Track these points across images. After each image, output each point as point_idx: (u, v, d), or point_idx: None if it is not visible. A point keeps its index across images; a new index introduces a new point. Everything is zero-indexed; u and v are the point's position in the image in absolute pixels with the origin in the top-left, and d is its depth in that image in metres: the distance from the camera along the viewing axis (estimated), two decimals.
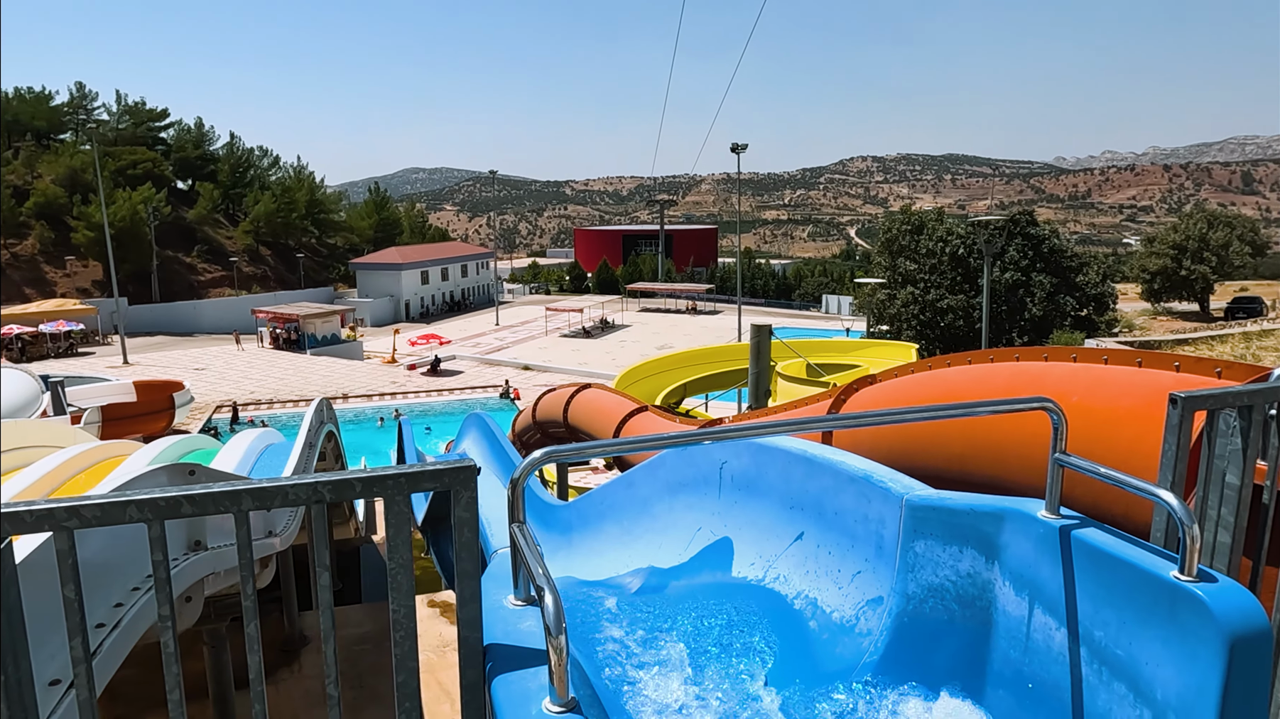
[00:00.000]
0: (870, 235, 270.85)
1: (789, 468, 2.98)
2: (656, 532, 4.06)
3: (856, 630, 2.40)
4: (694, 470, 3.76)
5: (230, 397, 43.57)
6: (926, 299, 34.64)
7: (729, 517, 3.30)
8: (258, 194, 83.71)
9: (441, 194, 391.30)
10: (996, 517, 2.08)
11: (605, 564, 4.84)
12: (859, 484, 2.56)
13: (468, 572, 1.55)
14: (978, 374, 3.91)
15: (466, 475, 1.53)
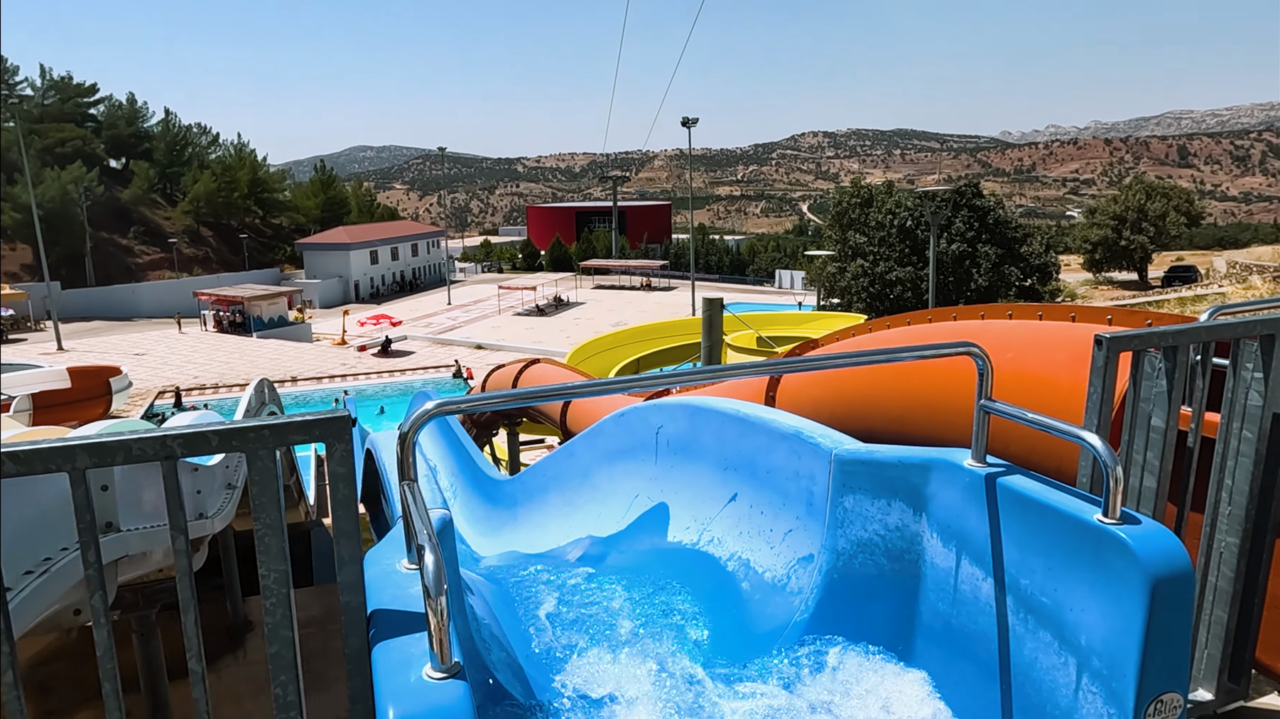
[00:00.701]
0: (822, 210, 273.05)
1: (723, 428, 2.91)
2: (597, 501, 3.98)
3: (788, 589, 2.35)
4: (631, 437, 3.68)
5: (173, 382, 42.32)
6: (876, 271, 35.02)
7: (665, 481, 3.23)
8: (197, 173, 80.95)
9: (390, 172, 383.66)
10: (923, 467, 2.03)
11: (548, 536, 4.75)
12: (790, 441, 2.49)
13: (345, 530, 1.43)
14: (915, 334, 3.88)
15: (339, 427, 1.41)
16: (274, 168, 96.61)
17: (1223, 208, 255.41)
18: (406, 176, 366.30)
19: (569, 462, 4.57)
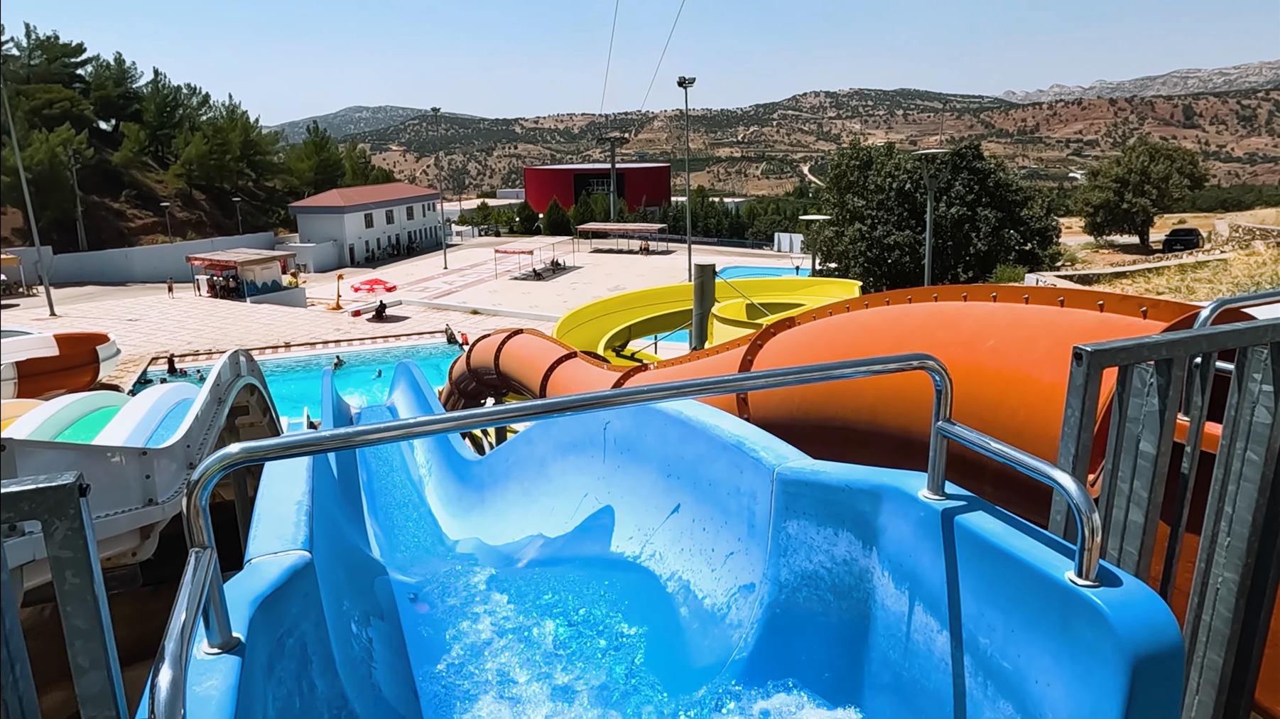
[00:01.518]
0: (823, 172, 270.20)
1: (665, 430, 2.65)
2: (550, 494, 3.73)
3: (728, 621, 2.09)
4: (581, 430, 3.41)
5: (166, 348, 42.04)
6: (873, 235, 34.45)
7: (613, 482, 2.97)
8: (188, 135, 79.68)
9: (387, 134, 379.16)
10: (873, 494, 1.76)
11: (507, 527, 4.51)
12: (731, 453, 2.22)
13: (82, 630, 1.12)
14: (893, 317, 3.59)
15: (59, 500, 1.10)
16: (267, 129, 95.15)
17: (1227, 169, 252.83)
18: (403, 138, 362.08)
19: (527, 449, 4.31)
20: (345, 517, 6.09)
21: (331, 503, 2.76)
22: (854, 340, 3.75)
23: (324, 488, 2.70)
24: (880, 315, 3.73)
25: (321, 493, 2.46)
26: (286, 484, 2.30)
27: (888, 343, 3.49)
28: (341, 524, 3.02)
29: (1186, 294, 16.89)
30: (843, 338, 3.83)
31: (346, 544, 2.60)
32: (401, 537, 6.83)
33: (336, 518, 2.79)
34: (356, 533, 6.33)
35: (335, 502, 3.07)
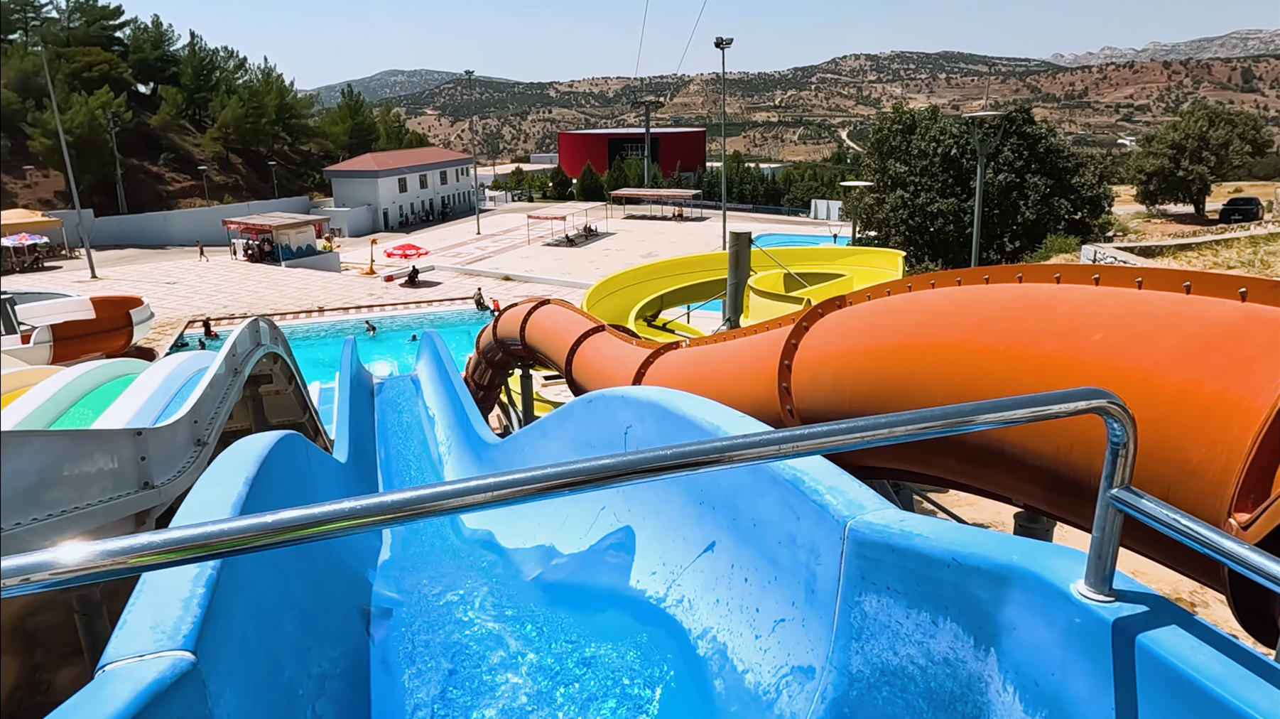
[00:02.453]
0: (862, 137, 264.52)
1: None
2: (565, 501, 3.28)
3: (777, 710, 1.61)
4: (599, 430, 2.94)
5: (203, 311, 42.40)
6: (916, 203, 33.24)
7: (633, 499, 2.50)
8: (224, 98, 79.85)
9: (422, 97, 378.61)
10: (997, 578, 1.25)
11: (519, 527, 4.07)
12: (783, 490, 1.73)
13: None
14: (966, 301, 3.03)
15: None
16: (302, 93, 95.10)
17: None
18: (438, 102, 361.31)
19: (543, 442, 3.86)
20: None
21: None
22: (919, 326, 3.21)
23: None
24: (950, 298, 3.18)
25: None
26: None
27: (961, 331, 2.96)
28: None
29: (1262, 269, 15.85)
30: (905, 322, 3.29)
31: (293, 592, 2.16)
32: (416, 525, 6.46)
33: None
34: None
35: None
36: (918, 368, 3.07)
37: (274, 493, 2.49)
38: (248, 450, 2.29)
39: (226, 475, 2.05)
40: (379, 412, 9.88)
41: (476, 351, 15.99)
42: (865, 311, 3.69)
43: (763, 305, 12.78)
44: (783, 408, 4.18)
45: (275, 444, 2.46)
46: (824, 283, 15.88)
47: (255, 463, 2.20)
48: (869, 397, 3.43)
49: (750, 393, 4.61)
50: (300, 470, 2.81)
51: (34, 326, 22.73)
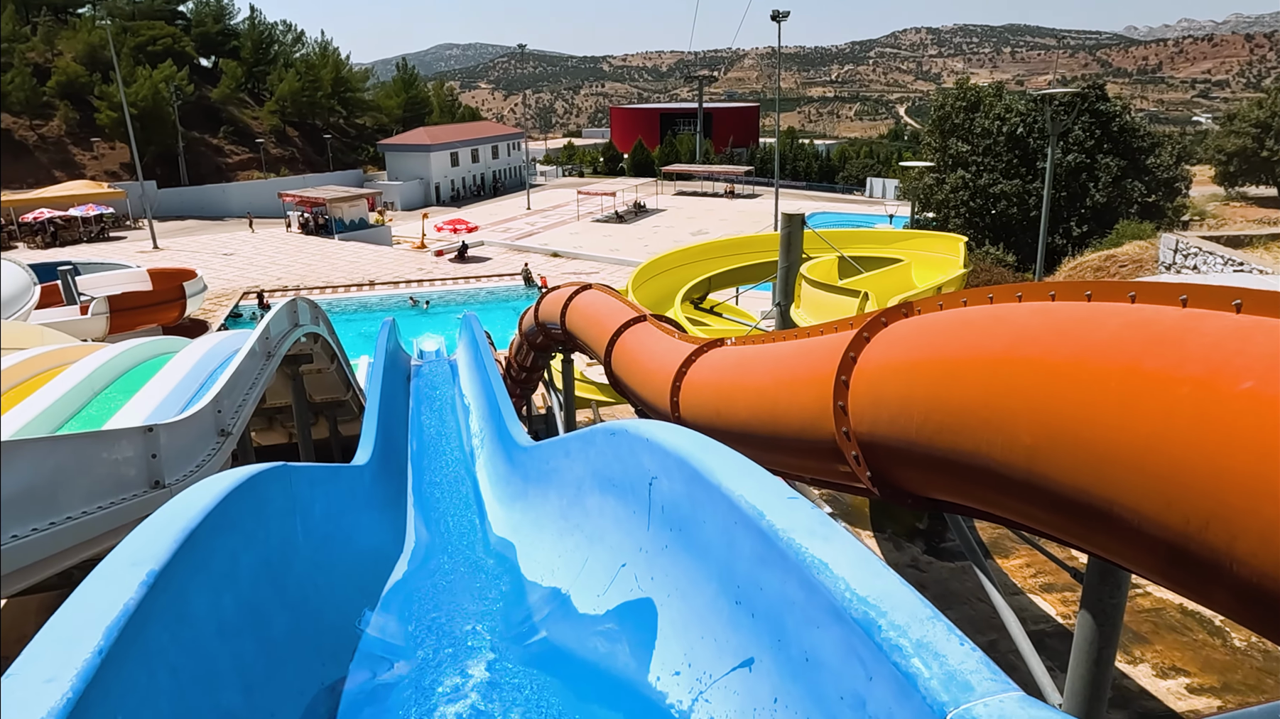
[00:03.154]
0: (921, 114, 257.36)
1: (734, 532, 1.74)
2: (587, 537, 2.91)
3: None
4: (621, 468, 2.55)
5: (257, 283, 43.13)
6: (977, 184, 31.86)
7: (657, 566, 2.10)
8: (282, 72, 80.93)
9: (476, 71, 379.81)
10: None
11: (540, 554, 3.71)
12: (849, 629, 1.29)
13: None
14: (1064, 322, 2.52)
15: None
16: (359, 67, 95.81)
17: None
18: (492, 75, 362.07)
19: (565, 462, 3.48)
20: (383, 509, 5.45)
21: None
22: (1007, 350, 2.72)
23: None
24: (1043, 316, 2.69)
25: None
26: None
27: (1059, 361, 2.48)
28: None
29: None
30: (988, 344, 2.80)
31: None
32: (446, 516, 6.18)
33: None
34: (393, 522, 5.68)
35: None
36: (1005, 400, 2.59)
37: (217, 557, 2.13)
38: (171, 519, 1.93)
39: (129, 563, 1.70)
40: (414, 398, 9.65)
41: (519, 333, 15.73)
42: (937, 324, 3.20)
43: (816, 297, 12.13)
44: (837, 428, 3.72)
45: (255, 474, 2.14)
46: (880, 268, 15.18)
47: (170, 545, 1.84)
48: (942, 427, 2.96)
49: (800, 406, 4.16)
50: (266, 516, 2.48)
51: (92, 298, 23.24)
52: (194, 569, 1.73)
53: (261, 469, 2.42)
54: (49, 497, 3.76)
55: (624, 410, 18.18)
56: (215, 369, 8.95)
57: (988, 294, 3.22)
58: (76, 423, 6.81)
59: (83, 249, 50.77)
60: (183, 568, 1.64)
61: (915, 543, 10.97)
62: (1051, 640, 8.20)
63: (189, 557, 1.69)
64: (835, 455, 3.94)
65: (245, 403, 7.36)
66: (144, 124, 63.64)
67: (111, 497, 4.48)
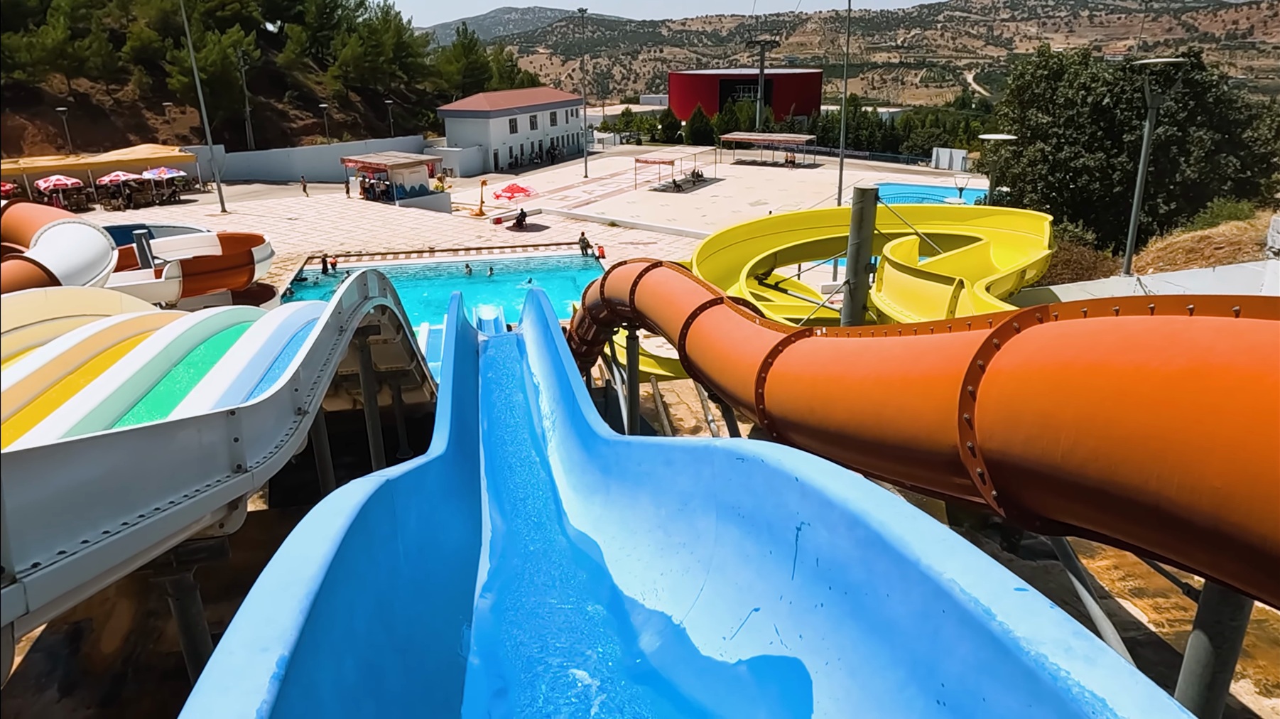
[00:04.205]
0: (990, 80, 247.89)
1: (940, 622, 1.48)
2: (699, 564, 2.67)
3: None
4: (753, 501, 2.29)
5: (320, 248, 43.81)
6: (1057, 157, 30.40)
7: (807, 624, 1.86)
8: (345, 36, 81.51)
9: (534, 36, 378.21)
10: None
11: (634, 565, 3.50)
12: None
13: None
14: (1254, 342, 2.18)
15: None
16: (419, 31, 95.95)
17: None
18: (550, 40, 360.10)
19: (667, 471, 3.24)
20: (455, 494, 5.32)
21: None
22: (1187, 374, 2.39)
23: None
24: (1232, 337, 2.34)
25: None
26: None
27: (1255, 395, 2.14)
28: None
29: None
30: (1159, 364, 2.46)
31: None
32: (521, 503, 6.04)
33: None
34: (470, 510, 5.56)
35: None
36: (1189, 433, 2.27)
37: (357, 561, 2.00)
38: (331, 517, 1.80)
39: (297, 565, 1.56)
40: (483, 375, 9.56)
41: (582, 306, 15.57)
42: (1090, 335, 2.86)
43: (900, 281, 11.60)
44: (961, 443, 3.41)
45: (362, 505, 1.98)
46: (960, 247, 14.53)
47: (335, 538, 1.71)
48: (1096, 453, 2.64)
49: (913, 414, 3.85)
50: (374, 549, 2.32)
51: (165, 262, 23.77)
52: (318, 640, 1.55)
53: (368, 495, 2.24)
54: (138, 488, 3.67)
55: (685, 386, 17.94)
56: (288, 344, 8.96)
57: (1147, 303, 2.87)
58: (153, 398, 6.85)
59: (155, 212, 52.20)
60: (308, 644, 1.46)
61: (992, 537, 10.55)
62: (1144, 650, 7.79)
63: (313, 628, 1.51)
64: (953, 469, 3.64)
65: (320, 380, 7.32)
66: (213, 88, 64.84)
67: (197, 483, 4.41)
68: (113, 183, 54.78)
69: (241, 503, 5.00)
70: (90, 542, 3.03)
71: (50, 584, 2.58)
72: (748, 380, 5.91)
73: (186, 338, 8.73)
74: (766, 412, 5.72)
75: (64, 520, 2.94)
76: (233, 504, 4.89)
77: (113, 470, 3.33)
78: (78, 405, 6.35)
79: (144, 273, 23.72)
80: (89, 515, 3.11)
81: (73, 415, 6.17)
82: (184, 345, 8.52)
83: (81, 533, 3.02)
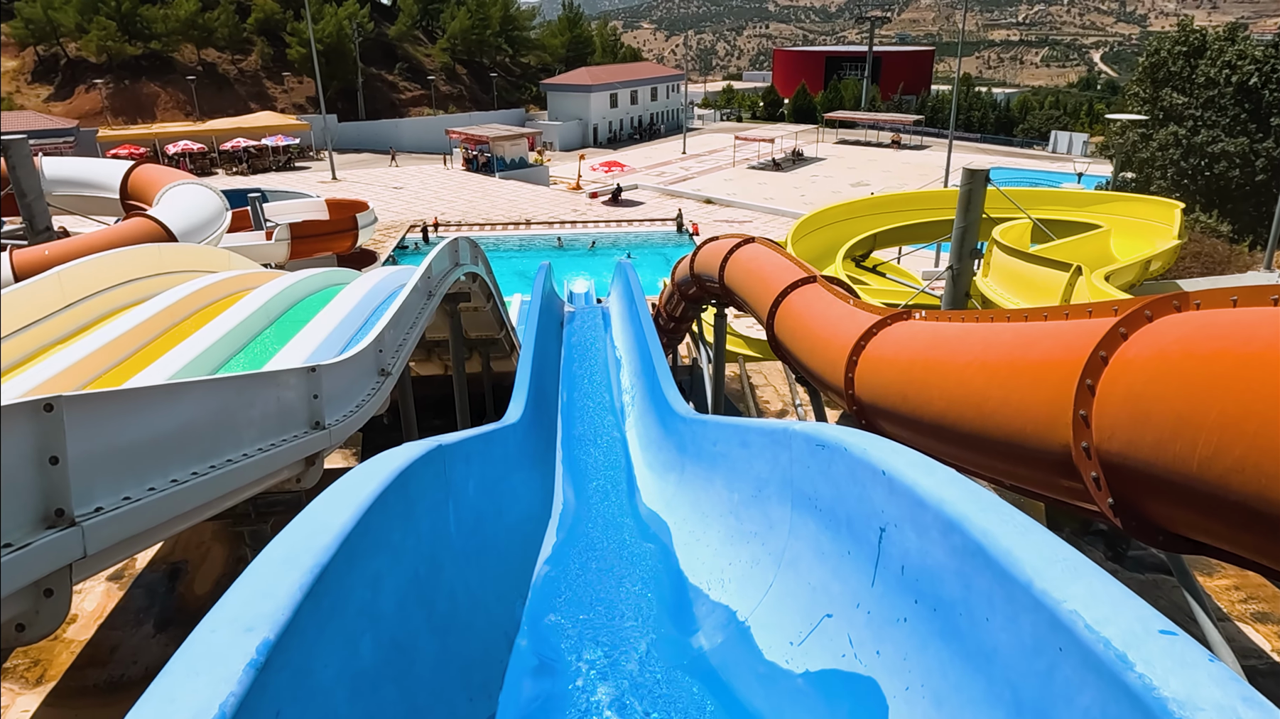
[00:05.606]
0: (1120, 60, 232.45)
1: (1057, 660, 1.21)
2: (770, 557, 2.45)
3: None
4: (832, 492, 2.06)
5: (423, 216, 44.97)
6: (1193, 141, 28.09)
7: (886, 638, 1.62)
8: (454, 9, 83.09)
9: (639, 10, 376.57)
10: None
11: (702, 550, 3.30)
12: None
13: None
14: None
15: None
16: (526, 6, 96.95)
17: None
18: (655, 15, 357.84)
19: (743, 453, 3.02)
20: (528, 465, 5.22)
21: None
22: None
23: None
24: None
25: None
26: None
27: None
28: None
29: None
30: None
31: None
32: (594, 477, 5.92)
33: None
34: (543, 481, 5.47)
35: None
36: None
37: (396, 521, 1.89)
38: (364, 482, 1.68)
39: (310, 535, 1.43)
40: (566, 345, 9.49)
41: (671, 282, 15.37)
42: (1244, 329, 2.47)
43: (1010, 265, 10.88)
44: (1075, 442, 3.05)
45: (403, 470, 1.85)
46: (1078, 234, 13.55)
47: (362, 504, 1.59)
48: (1245, 464, 2.27)
49: (1019, 407, 3.50)
50: (416, 518, 2.18)
51: (276, 224, 24.78)
52: (324, 620, 1.43)
53: (412, 459, 2.12)
54: (211, 439, 3.68)
55: (773, 368, 17.54)
56: (379, 305, 9.08)
57: None
58: (249, 353, 7.02)
59: (272, 177, 54.67)
60: (308, 624, 1.33)
61: (1096, 545, 9.87)
62: (1265, 680, 7.10)
63: (317, 606, 1.37)
64: (1063, 470, 3.28)
65: (406, 342, 7.36)
66: (328, 60, 67.26)
67: (273, 438, 4.41)
68: (234, 148, 57.62)
69: (319, 459, 5.02)
70: (157, 489, 3.03)
71: (111, 530, 2.57)
72: (838, 363, 5.60)
73: (284, 296, 8.97)
74: (856, 397, 5.39)
75: (133, 466, 2.94)
76: (309, 460, 4.92)
77: (187, 420, 3.33)
78: (177, 356, 6.57)
79: (256, 234, 24.79)
80: (159, 463, 3.12)
81: (172, 365, 6.38)
82: (281, 304, 8.75)
83: (150, 480, 3.02)
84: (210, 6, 70.06)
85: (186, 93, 67.41)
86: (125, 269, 9.44)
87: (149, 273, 10.01)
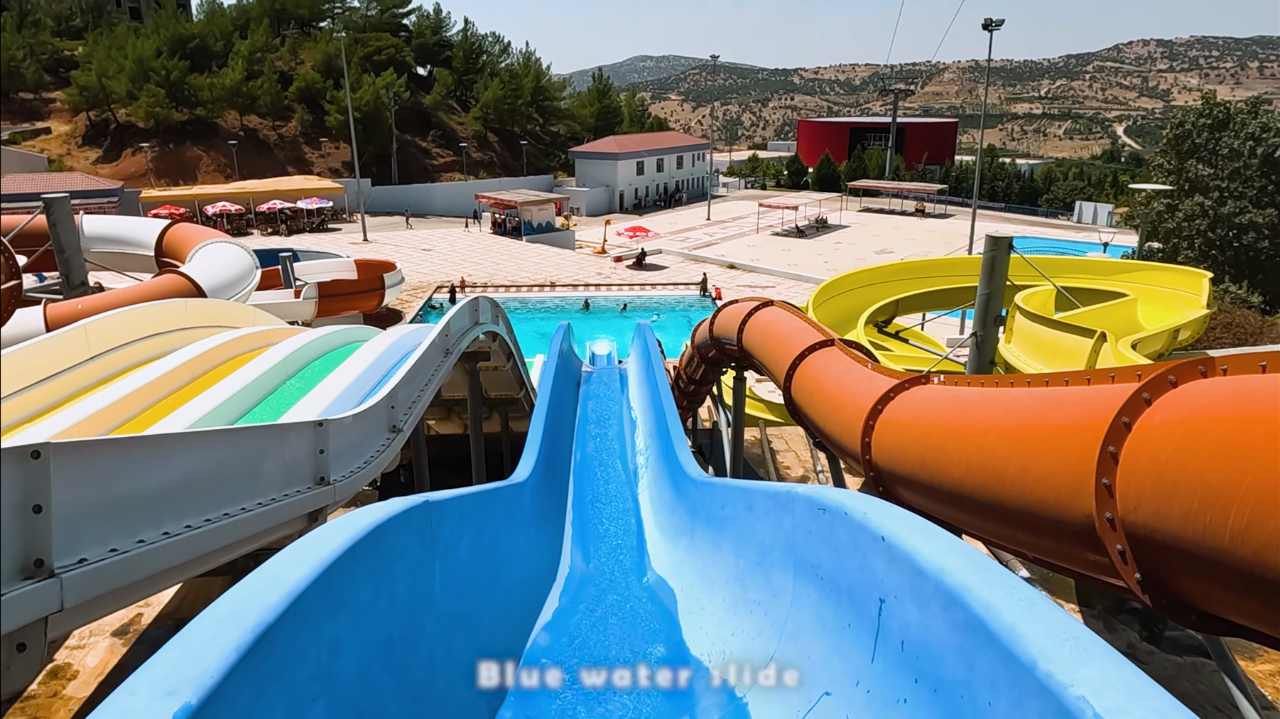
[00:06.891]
0: (1143, 134, 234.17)
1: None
2: (772, 628, 2.32)
3: None
4: (833, 559, 1.95)
5: (450, 278, 45.68)
6: (1220, 212, 27.99)
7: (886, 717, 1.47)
8: (487, 80, 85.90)
9: (667, 83, 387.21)
10: None
11: (706, 620, 3.16)
12: None
13: None
14: None
15: None
16: (558, 77, 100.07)
17: None
18: (682, 87, 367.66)
19: (749, 518, 2.91)
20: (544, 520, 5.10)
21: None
22: None
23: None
24: None
25: None
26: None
27: None
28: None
29: None
30: None
31: None
32: (604, 541, 5.78)
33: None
34: (550, 542, 5.34)
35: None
36: None
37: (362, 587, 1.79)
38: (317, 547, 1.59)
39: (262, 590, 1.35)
40: (582, 405, 9.43)
41: (691, 345, 15.33)
42: (1276, 390, 2.36)
43: (1033, 331, 10.74)
44: (1098, 512, 2.90)
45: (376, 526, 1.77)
46: (1104, 302, 13.38)
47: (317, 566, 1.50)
48: None
49: (1040, 475, 3.35)
50: (391, 578, 2.08)
51: (305, 283, 25.30)
52: (263, 684, 1.33)
53: (389, 515, 2.03)
54: (208, 492, 3.62)
55: (794, 433, 17.31)
56: (396, 362, 9.11)
57: None
58: (266, 406, 7.02)
59: (305, 238, 56.05)
60: (241, 688, 1.24)
61: (1130, 624, 9.44)
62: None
63: (257, 668, 1.28)
64: (1086, 543, 3.12)
65: (419, 399, 7.33)
66: (365, 126, 69.50)
67: (274, 492, 4.35)
68: (270, 209, 59.29)
69: (322, 515, 4.94)
70: (147, 541, 2.96)
71: (92, 582, 2.50)
72: (854, 427, 5.47)
73: (304, 352, 9.03)
74: (873, 462, 5.25)
75: (123, 517, 2.88)
76: (313, 515, 4.84)
77: (182, 471, 3.28)
78: (195, 409, 6.58)
79: (285, 292, 25.28)
80: (151, 514, 3.05)
81: (189, 417, 6.39)
82: (301, 359, 8.80)
83: (140, 532, 2.95)
84: (254, 75, 73.01)
85: (228, 156, 69.79)
86: (151, 323, 9.58)
87: (174, 327, 10.15)
